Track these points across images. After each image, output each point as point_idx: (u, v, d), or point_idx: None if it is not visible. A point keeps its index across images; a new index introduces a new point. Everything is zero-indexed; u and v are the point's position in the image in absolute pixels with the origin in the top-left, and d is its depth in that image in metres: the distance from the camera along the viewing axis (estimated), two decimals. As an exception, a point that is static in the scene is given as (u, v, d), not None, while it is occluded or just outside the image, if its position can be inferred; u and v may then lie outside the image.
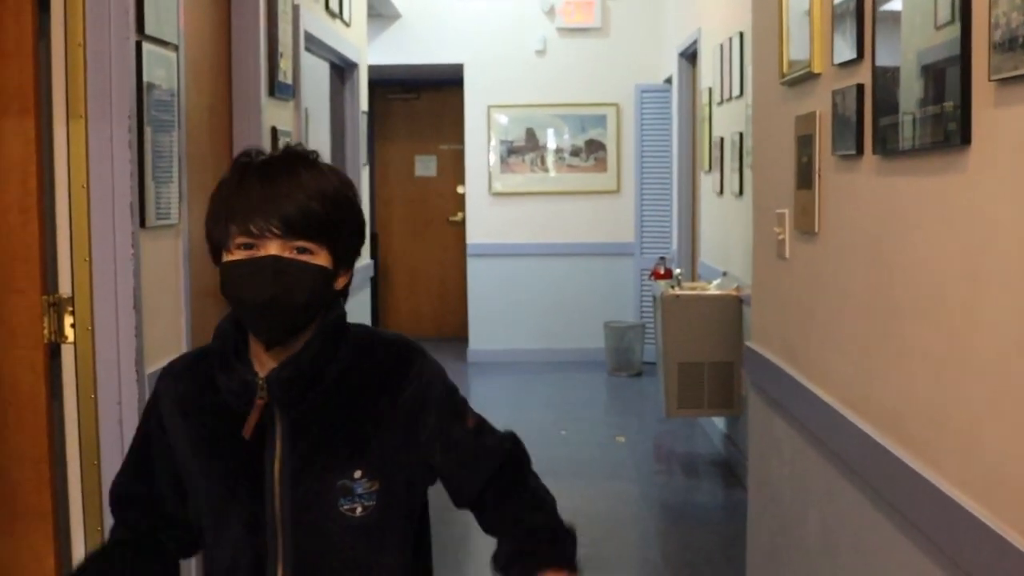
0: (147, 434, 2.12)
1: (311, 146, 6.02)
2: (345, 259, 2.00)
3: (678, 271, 8.07)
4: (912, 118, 2.40)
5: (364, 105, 7.94)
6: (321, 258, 1.93)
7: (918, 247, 2.43)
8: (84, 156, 3.24)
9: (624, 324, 10.25)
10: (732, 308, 6.64)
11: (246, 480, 1.99)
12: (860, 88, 2.77)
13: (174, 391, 2.07)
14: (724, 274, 7.18)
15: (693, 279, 8.53)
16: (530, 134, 10.79)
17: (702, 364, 6.70)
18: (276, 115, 5.25)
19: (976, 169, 2.13)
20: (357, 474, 1.97)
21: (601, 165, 10.71)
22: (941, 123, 2.24)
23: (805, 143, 3.27)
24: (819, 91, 3.16)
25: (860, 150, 2.78)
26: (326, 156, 6.76)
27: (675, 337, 6.76)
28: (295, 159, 1.96)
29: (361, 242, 2.04)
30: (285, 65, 5.34)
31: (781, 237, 3.60)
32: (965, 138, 2.15)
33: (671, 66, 9.81)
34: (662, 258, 8.93)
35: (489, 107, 10.80)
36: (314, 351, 1.97)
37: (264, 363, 1.98)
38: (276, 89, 5.15)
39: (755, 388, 4.07)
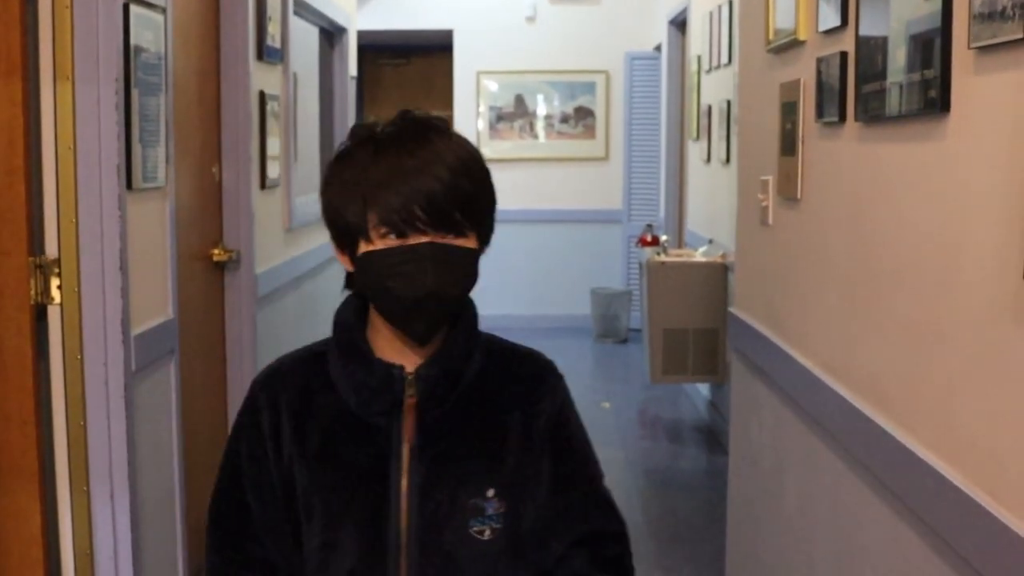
0: (244, 459, 1.85)
1: (300, 111, 6.00)
2: (487, 240, 1.78)
3: (664, 238, 8.09)
4: (894, 85, 2.42)
5: (353, 70, 7.94)
6: (471, 240, 1.72)
7: (897, 214, 2.45)
8: (71, 118, 3.25)
9: (611, 291, 10.28)
10: (717, 275, 6.67)
11: (366, 495, 1.77)
12: (844, 55, 2.78)
13: (284, 397, 1.82)
14: (710, 241, 7.21)
15: (680, 246, 8.56)
16: (519, 101, 10.79)
17: (687, 331, 6.73)
18: (264, 79, 5.25)
19: (955, 136, 2.15)
20: (490, 493, 1.77)
21: (590, 132, 10.71)
22: (922, 91, 2.26)
23: (789, 110, 3.29)
24: (804, 58, 3.18)
25: (843, 117, 2.80)
26: (314, 122, 6.77)
27: (660, 304, 6.78)
28: (427, 128, 1.74)
29: (495, 206, 1.80)
30: (274, 29, 5.34)
31: (764, 204, 3.62)
32: (944, 105, 2.16)
33: (661, 34, 9.80)
34: (649, 225, 8.95)
35: (479, 73, 10.79)
36: (460, 347, 1.79)
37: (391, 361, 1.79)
38: (264, 53, 5.16)
39: (738, 354, 4.10)
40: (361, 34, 8.85)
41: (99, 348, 3.36)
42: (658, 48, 10.10)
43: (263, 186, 5.23)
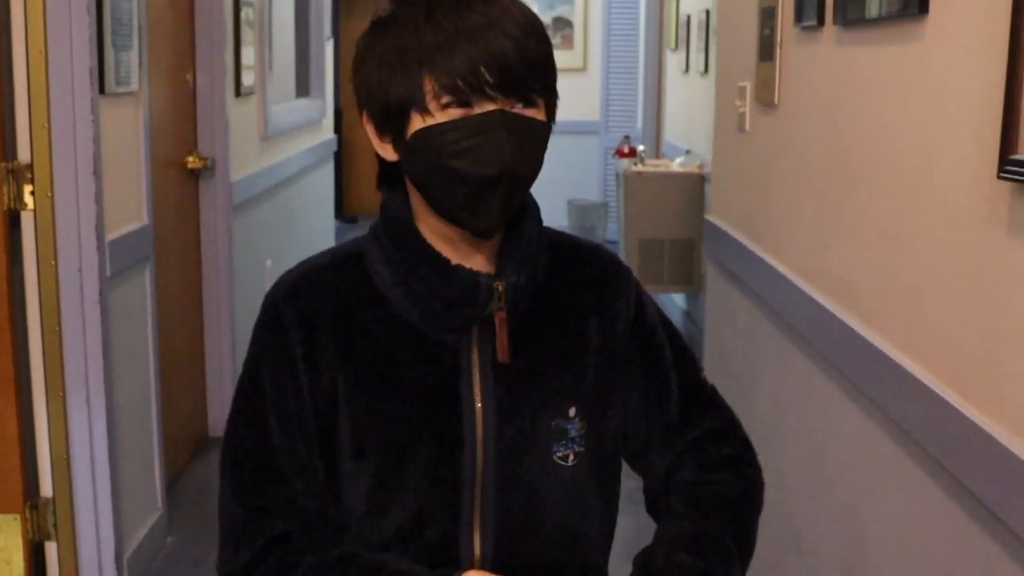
0: (268, 390, 1.53)
1: (275, 20, 5.88)
2: (554, 115, 1.52)
3: (642, 148, 8.07)
4: (871, -12, 2.40)
5: (328, -23, 7.86)
6: (542, 112, 1.47)
7: (874, 118, 2.45)
8: (42, 21, 3.21)
9: (588, 202, 10.27)
10: (694, 186, 6.66)
11: (435, 423, 1.50)
12: (822, -42, 2.77)
13: (321, 309, 1.51)
14: (688, 152, 7.19)
15: (658, 157, 8.54)
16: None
17: (663, 241, 6.74)
18: (237, -16, 5.19)
19: (933, 38, 2.14)
20: (572, 411, 1.54)
21: (568, 43, 10.64)
22: (899, -8, 2.25)
23: (768, 15, 3.27)
24: (782, -38, 3.15)
25: (821, 21, 2.78)
26: (289, 30, 6.71)
27: (637, 214, 6.78)
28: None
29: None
30: (247, -67, 5.27)
31: (742, 110, 3.61)
32: (923, 7, 2.15)
33: (640, -58, 9.72)
34: (627, 136, 8.92)
35: (456, -19, 10.68)
36: (535, 244, 1.54)
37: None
38: (238, -43, 5.09)
39: (713, 261, 4.11)
40: (336, -59, 8.75)
41: (73, 254, 3.35)
42: (637, -43, 10.02)
43: (238, 93, 5.19)
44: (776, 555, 3.16)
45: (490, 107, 1.40)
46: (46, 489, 3.50)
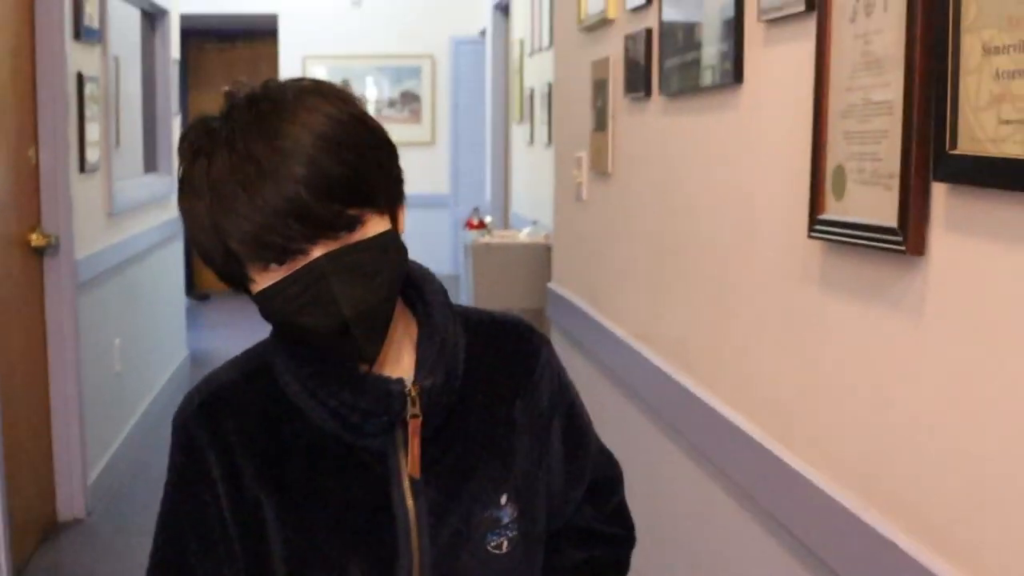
0: (189, 521, 1.45)
1: (121, 95, 5.78)
2: (397, 194, 1.42)
3: (489, 220, 8.17)
4: (694, 61, 2.52)
5: (176, 53, 7.84)
6: (375, 220, 1.36)
7: (699, 182, 2.56)
8: None
9: (439, 275, 10.32)
10: (541, 255, 6.76)
11: (369, 532, 1.43)
12: (649, 32, 2.88)
13: (236, 428, 1.43)
14: (534, 223, 7.30)
15: (506, 228, 8.65)
16: (346, 85, 10.73)
17: (511, 311, 6.81)
18: (82, 60, 5.17)
19: (747, 106, 2.25)
20: (503, 499, 1.47)
21: (416, 116, 10.76)
22: (719, 63, 2.37)
23: (600, 87, 3.38)
24: (613, 36, 3.27)
25: (648, 91, 2.90)
26: (136, 105, 6.69)
27: (485, 284, 6.86)
28: (274, 104, 1.33)
29: (396, 159, 1.43)
30: (91, 8, 5.25)
31: (579, 180, 3.71)
32: (738, 77, 2.27)
33: (486, 18, 9.88)
34: (476, 208, 9.02)
35: (305, 58, 10.75)
36: (453, 335, 1.47)
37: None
38: (82, 33, 5.08)
39: (557, 327, 4.20)
40: (184, 17, 8.73)
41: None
42: (483, 32, 10.18)
43: (82, 169, 5.15)
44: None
45: (312, 255, 1.30)
46: None
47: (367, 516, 1.42)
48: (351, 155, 1.31)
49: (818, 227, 1.86)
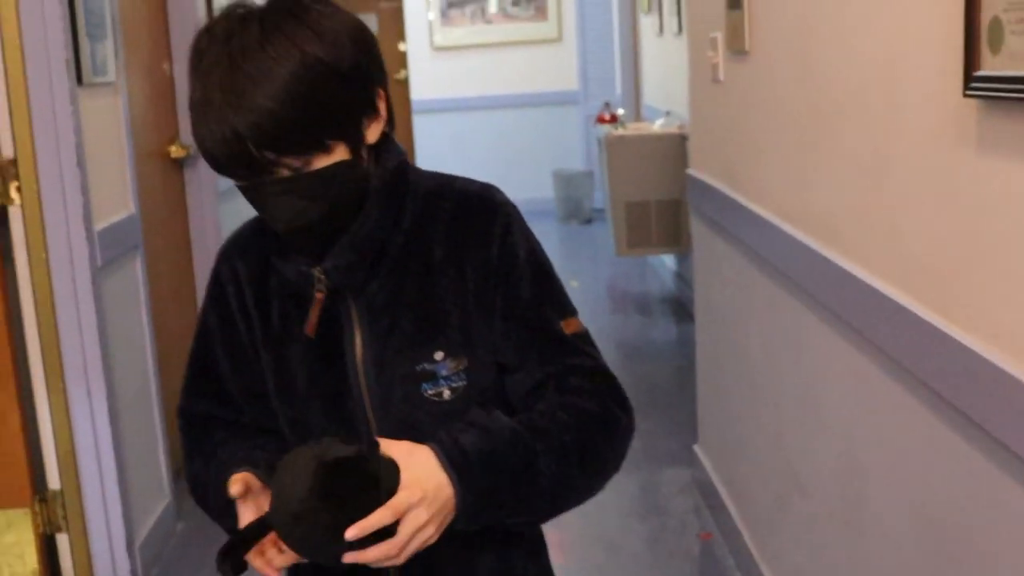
0: (214, 328, 1.77)
1: None
2: (365, 111, 1.59)
3: (621, 113, 8.10)
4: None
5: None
6: (333, 152, 1.54)
7: (840, 49, 2.48)
8: (15, 14, 3.23)
9: (572, 172, 10.30)
10: (676, 146, 6.68)
11: (327, 371, 1.69)
12: (782, -98, 2.79)
13: (244, 270, 1.73)
14: (667, 113, 7.21)
15: (638, 121, 8.57)
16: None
17: (648, 203, 6.76)
18: (208, -28, 5.19)
19: (892, -32, 2.17)
20: (439, 356, 1.66)
21: (541, 13, 10.64)
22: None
23: (733, -36, 3.30)
24: (745, -90, 3.18)
25: (786, -37, 2.81)
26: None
27: (621, 178, 6.81)
28: (261, 23, 1.50)
29: (378, 78, 1.60)
30: (214, -79, 5.27)
31: (715, 61, 3.64)
32: (881, -62, 2.18)
33: (607, -92, 9.72)
34: (606, 103, 8.94)
35: (427, -43, 10.70)
36: (371, 225, 1.63)
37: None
38: (207, -54, 5.10)
39: (697, 213, 4.15)
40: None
41: (63, 246, 3.38)
42: (605, -76, 10.02)
43: (216, 81, 5.20)
44: (778, 498, 3.21)
45: (252, 178, 1.52)
46: (53, 482, 3.54)
47: (324, 360, 1.69)
48: (322, 92, 1.49)
49: (974, 84, 1.78)
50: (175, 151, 4.72)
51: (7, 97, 3.27)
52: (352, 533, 1.45)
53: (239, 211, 5.57)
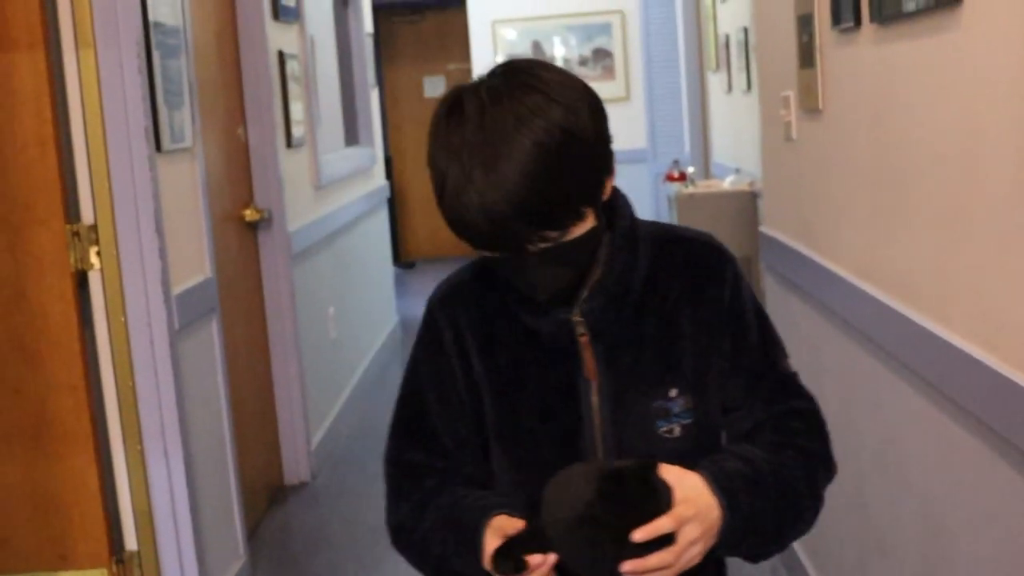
0: (426, 374, 1.82)
1: (319, 73, 5.93)
2: (604, 180, 1.66)
3: (691, 171, 8.09)
4: (905, -17, 2.43)
5: (368, 27, 7.95)
6: (585, 219, 1.63)
7: (917, 110, 2.47)
8: (96, 84, 3.30)
9: (642, 230, 10.29)
10: (746, 202, 6.67)
11: (559, 413, 1.75)
12: (854, -40, 2.79)
13: (464, 318, 1.79)
14: (737, 170, 7.20)
15: (707, 178, 8.56)
16: (536, 47, 10.77)
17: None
18: (281, 39, 5.29)
19: (969, 26, 2.16)
20: (673, 392, 1.73)
21: (609, 73, 10.70)
22: (933, -15, 2.27)
23: (805, 22, 3.29)
24: (815, -32, 3.18)
25: (858, 21, 2.81)
26: (334, 81, 6.81)
27: (692, 235, 6.79)
28: (499, 100, 1.60)
29: (609, 138, 1.69)
30: (287, -12, 5.36)
31: (787, 119, 3.63)
32: (956, -4, 2.18)
33: (673, -32, 9.77)
34: (675, 161, 8.94)
35: (494, 22, 10.78)
36: (619, 269, 1.70)
37: None
38: (280, 13, 5.19)
39: (770, 271, 4.13)
40: (374, -8, 8.87)
41: (141, 309, 3.43)
42: (671, -17, 10.07)
43: (289, 145, 5.28)
44: (858, 556, 3.16)
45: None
46: (131, 543, 3.56)
47: (558, 400, 1.74)
48: (568, 164, 1.56)
49: (1056, 142, 1.77)
50: (250, 215, 4.79)
51: (88, 164, 3.33)
52: (640, 535, 1.50)
53: (312, 273, 5.63)
